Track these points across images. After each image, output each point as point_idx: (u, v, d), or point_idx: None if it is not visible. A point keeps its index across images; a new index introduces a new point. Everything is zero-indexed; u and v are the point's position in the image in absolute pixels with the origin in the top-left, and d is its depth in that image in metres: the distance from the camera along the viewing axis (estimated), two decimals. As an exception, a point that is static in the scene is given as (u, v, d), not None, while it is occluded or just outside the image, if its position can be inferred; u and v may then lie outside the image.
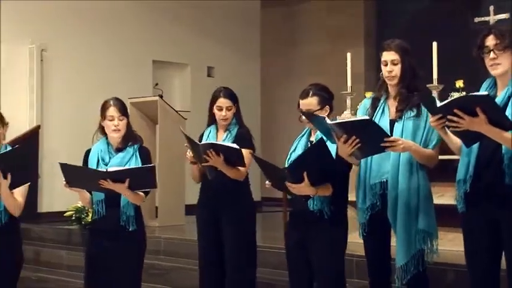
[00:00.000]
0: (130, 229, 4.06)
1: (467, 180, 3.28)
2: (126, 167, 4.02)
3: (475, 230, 3.30)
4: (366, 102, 3.93)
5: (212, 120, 4.59)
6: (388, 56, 3.73)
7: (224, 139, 4.49)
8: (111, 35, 9.06)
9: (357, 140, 3.48)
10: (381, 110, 3.78)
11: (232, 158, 4.27)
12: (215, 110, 4.52)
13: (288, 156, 3.98)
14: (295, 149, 3.98)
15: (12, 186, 3.94)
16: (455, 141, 3.36)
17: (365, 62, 10.06)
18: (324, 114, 3.84)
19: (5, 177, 3.85)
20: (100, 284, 4.13)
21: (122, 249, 4.06)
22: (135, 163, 4.08)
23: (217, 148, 4.24)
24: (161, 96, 7.81)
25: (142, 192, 4.07)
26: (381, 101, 3.81)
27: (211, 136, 4.56)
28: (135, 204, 4.09)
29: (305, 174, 3.59)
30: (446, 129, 3.28)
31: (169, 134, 7.43)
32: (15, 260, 4.17)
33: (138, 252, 4.17)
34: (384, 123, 3.69)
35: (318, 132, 3.85)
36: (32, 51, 8.32)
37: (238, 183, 4.42)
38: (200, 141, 4.50)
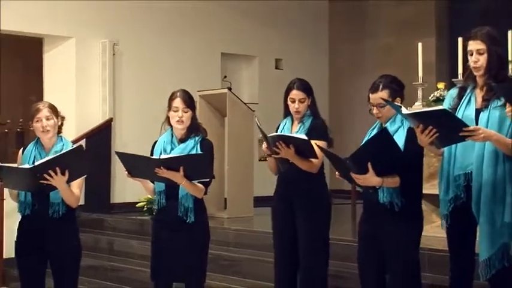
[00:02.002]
0: (188, 221, 4.09)
1: None
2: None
3: None
4: (452, 92, 3.85)
5: (287, 112, 4.54)
6: (473, 45, 3.62)
7: (297, 131, 4.43)
8: (181, 29, 9.17)
9: (434, 130, 3.42)
10: (467, 100, 3.69)
11: (303, 149, 4.23)
12: (289, 102, 4.48)
13: None
14: None
15: (70, 180, 4.02)
16: None
17: (436, 52, 9.86)
18: None
19: (63, 174, 3.93)
20: (165, 274, 4.18)
21: (184, 240, 4.09)
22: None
23: (285, 140, 4.23)
24: (230, 89, 7.86)
25: (202, 184, 4.09)
26: (468, 91, 3.71)
27: (286, 128, 4.51)
28: (195, 197, 4.11)
29: (369, 164, 3.56)
30: None
31: (237, 126, 7.47)
32: (74, 250, 4.25)
33: (200, 244, 4.19)
34: (470, 113, 3.61)
35: (388, 125, 3.80)
36: (105, 45, 8.50)
37: (312, 175, 4.35)
38: (276, 132, 4.49)
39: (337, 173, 3.81)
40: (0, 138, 10.83)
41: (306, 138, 4.20)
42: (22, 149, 4.32)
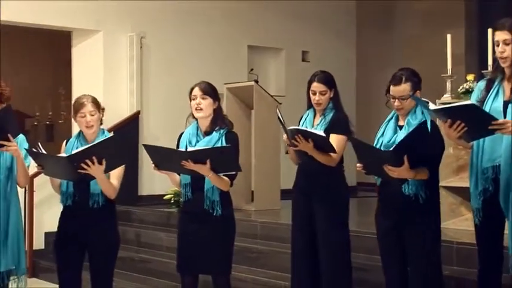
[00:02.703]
0: (214, 214, 4.10)
1: None
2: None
3: None
4: (480, 84, 3.81)
5: (310, 104, 4.55)
6: (500, 35, 3.57)
7: (318, 124, 4.45)
8: (207, 22, 9.18)
9: (462, 125, 3.39)
10: (495, 92, 3.64)
11: (322, 144, 4.23)
12: (310, 94, 4.50)
13: (376, 142, 3.93)
14: (383, 134, 3.93)
15: (107, 170, 4.04)
16: None
17: (465, 43, 9.75)
18: None
19: (100, 163, 3.94)
20: (191, 266, 4.20)
21: (209, 233, 4.11)
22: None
23: (304, 134, 4.23)
24: (256, 82, 7.85)
25: (228, 177, 4.10)
26: (496, 83, 3.67)
27: (307, 120, 4.53)
28: (221, 189, 4.12)
29: (405, 157, 3.54)
30: None
31: (264, 119, 7.46)
32: (113, 240, 4.29)
33: (225, 236, 4.20)
34: (497, 105, 3.57)
35: (409, 117, 3.80)
36: (132, 39, 8.54)
37: (331, 169, 4.37)
38: (298, 124, 4.49)
39: (358, 164, 3.80)
40: (30, 131, 11.00)
41: (323, 135, 4.21)
42: (66, 141, 4.36)
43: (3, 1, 7.61)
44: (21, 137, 4.17)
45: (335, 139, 4.32)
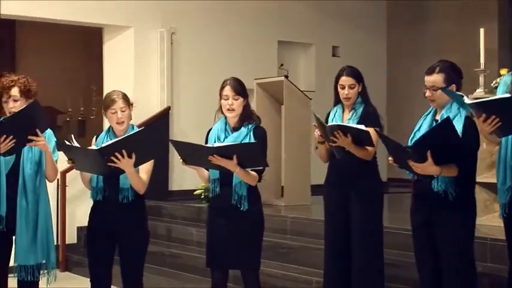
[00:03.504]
0: (242, 209, 4.11)
1: None
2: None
3: None
4: (506, 79, 3.76)
5: (338, 100, 4.54)
6: None
7: (349, 118, 4.44)
8: (237, 17, 9.18)
9: (497, 120, 3.34)
10: None
11: (361, 138, 4.22)
12: (338, 89, 4.49)
13: (412, 136, 3.90)
14: (419, 128, 3.89)
15: (137, 164, 4.05)
16: None
17: (498, 38, 9.61)
18: None
19: (130, 157, 3.96)
20: (220, 261, 4.22)
21: (237, 228, 4.12)
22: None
23: (344, 129, 4.21)
24: (287, 77, 7.83)
25: (256, 172, 4.10)
26: None
27: (337, 116, 4.52)
28: (249, 185, 4.13)
29: (429, 153, 3.50)
30: None
31: (294, 114, 7.45)
32: (143, 235, 4.31)
33: (254, 231, 4.20)
34: None
35: (444, 112, 3.74)
36: (163, 34, 8.58)
37: (366, 163, 4.37)
38: (326, 120, 4.48)
39: (390, 158, 3.77)
40: (62, 126, 11.13)
41: (365, 128, 4.18)
42: (95, 136, 4.39)
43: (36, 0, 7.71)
44: (49, 131, 4.21)
45: (372, 132, 4.26)
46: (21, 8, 7.76)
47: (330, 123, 4.31)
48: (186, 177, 7.90)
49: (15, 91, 4.12)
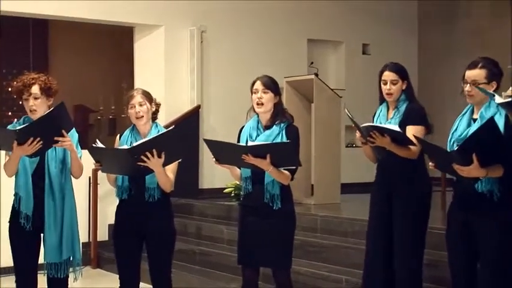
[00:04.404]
0: (274, 207, 4.10)
1: None
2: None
3: None
4: None
5: (383, 98, 4.42)
6: None
7: (392, 117, 4.34)
8: (267, 15, 9.18)
9: None
10: None
11: (398, 138, 4.13)
12: (381, 85, 4.39)
13: (450, 137, 3.81)
14: (456, 129, 3.81)
15: (165, 164, 4.07)
16: None
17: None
18: (490, 89, 3.63)
19: (159, 156, 3.98)
20: (251, 259, 4.21)
21: (270, 226, 4.11)
22: (281, 141, 4.09)
23: (379, 129, 4.14)
24: (316, 75, 7.81)
25: (288, 171, 4.09)
26: None
27: (381, 115, 4.41)
28: (281, 183, 4.12)
29: (474, 156, 3.43)
30: None
31: (324, 113, 7.42)
32: (170, 233, 4.32)
33: (285, 230, 4.19)
34: None
35: (483, 110, 3.67)
36: (193, 33, 8.62)
37: (411, 162, 4.22)
38: (372, 121, 4.40)
39: (430, 163, 3.71)
40: (93, 125, 11.25)
41: (399, 130, 4.09)
42: (119, 134, 4.41)
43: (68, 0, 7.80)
44: (72, 130, 4.23)
45: (412, 130, 4.18)
46: (54, 8, 7.87)
47: (364, 124, 4.22)
48: (216, 175, 7.93)
49: (35, 89, 4.15)
